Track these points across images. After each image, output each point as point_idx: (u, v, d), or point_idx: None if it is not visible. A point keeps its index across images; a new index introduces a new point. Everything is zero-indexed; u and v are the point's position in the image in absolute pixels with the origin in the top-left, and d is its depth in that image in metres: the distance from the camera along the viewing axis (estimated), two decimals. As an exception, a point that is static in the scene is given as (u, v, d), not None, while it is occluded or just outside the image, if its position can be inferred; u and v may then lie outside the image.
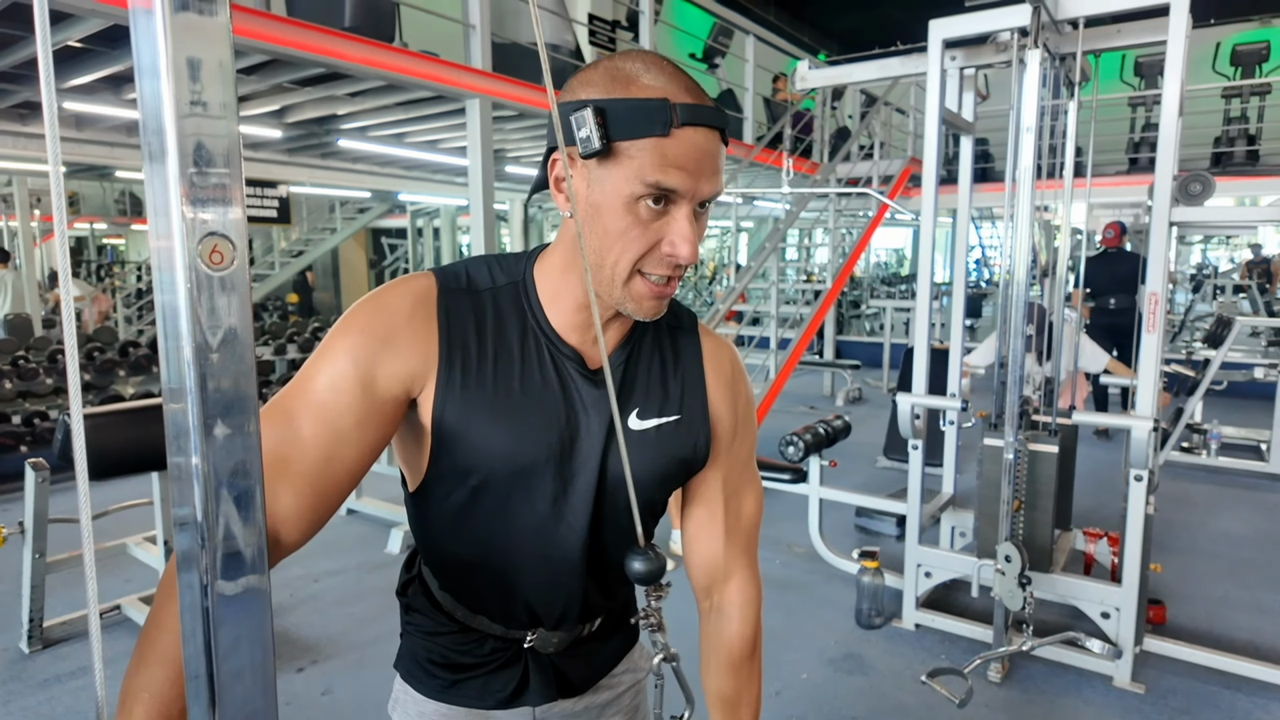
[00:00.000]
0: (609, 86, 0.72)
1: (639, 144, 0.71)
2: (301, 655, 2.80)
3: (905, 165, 6.93)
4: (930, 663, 2.75)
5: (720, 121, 0.74)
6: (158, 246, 0.41)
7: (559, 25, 4.94)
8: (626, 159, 0.71)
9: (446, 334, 0.80)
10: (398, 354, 0.78)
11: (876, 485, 4.63)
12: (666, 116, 0.70)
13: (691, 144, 0.71)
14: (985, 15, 2.77)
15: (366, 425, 0.77)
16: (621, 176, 0.72)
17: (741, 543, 0.96)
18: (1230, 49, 8.53)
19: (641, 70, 0.73)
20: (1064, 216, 2.90)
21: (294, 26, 3.39)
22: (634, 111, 0.70)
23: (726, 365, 0.93)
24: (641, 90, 0.71)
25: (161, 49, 0.39)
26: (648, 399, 0.87)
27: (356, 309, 0.80)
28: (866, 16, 13.51)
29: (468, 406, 0.80)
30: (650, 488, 0.89)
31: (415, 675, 0.96)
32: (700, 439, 0.90)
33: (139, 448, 2.66)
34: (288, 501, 0.73)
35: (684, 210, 0.74)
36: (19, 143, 5.21)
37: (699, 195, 0.73)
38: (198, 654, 0.44)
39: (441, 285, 0.82)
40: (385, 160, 7.04)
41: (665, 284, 0.77)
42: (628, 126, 0.70)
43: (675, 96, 0.71)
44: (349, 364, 0.76)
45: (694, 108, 0.71)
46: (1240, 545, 3.90)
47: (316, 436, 0.75)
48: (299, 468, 0.73)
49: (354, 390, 0.76)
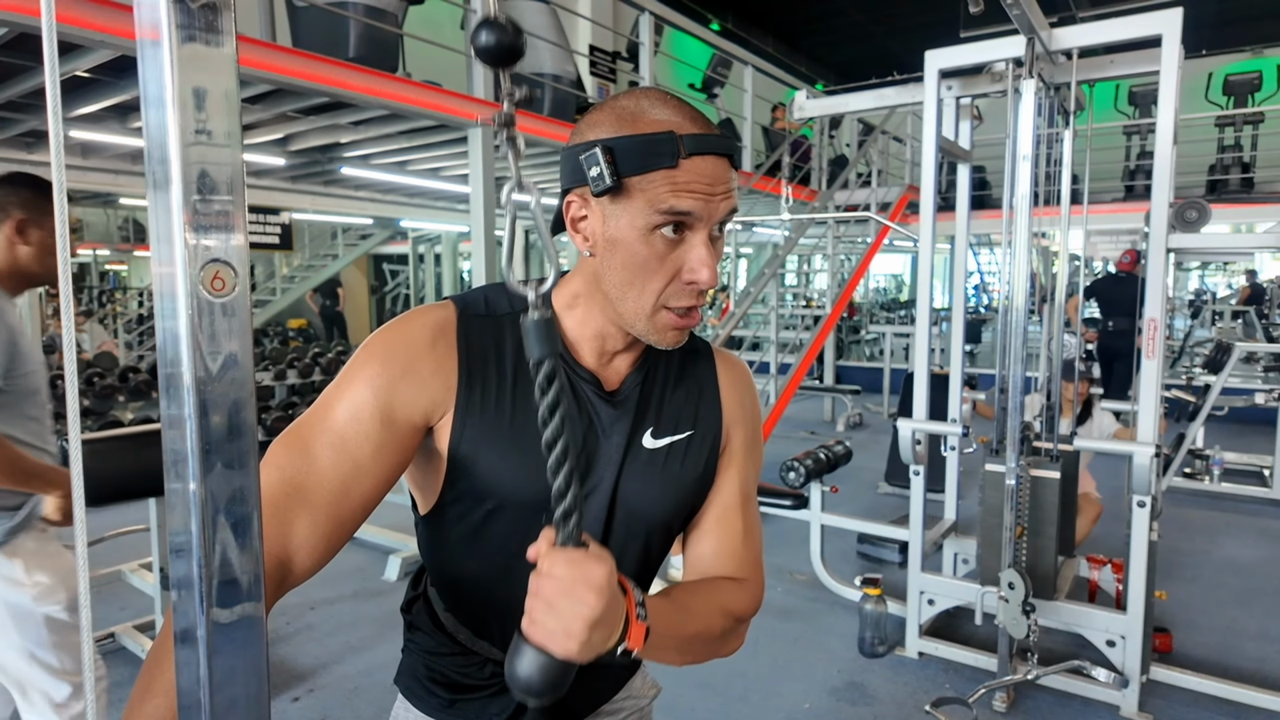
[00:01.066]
0: (616, 125, 0.74)
1: (650, 177, 0.72)
2: (297, 684, 2.76)
3: (903, 192, 6.99)
4: (934, 692, 2.71)
5: (727, 148, 0.75)
6: (160, 273, 0.42)
7: (560, 56, 5.01)
8: (639, 193, 0.73)
9: (467, 362, 0.80)
10: (419, 384, 0.78)
11: (878, 511, 4.60)
12: (674, 148, 0.72)
13: (701, 171, 0.73)
14: (980, 46, 2.82)
15: (384, 454, 0.77)
16: (636, 210, 0.73)
17: (754, 551, 0.93)
18: (1223, 79, 8.65)
19: (647, 106, 0.75)
20: (1062, 243, 2.92)
21: (299, 57, 3.44)
22: (642, 146, 0.72)
23: (740, 382, 0.95)
24: (648, 125, 0.73)
25: (168, 79, 0.39)
26: (662, 418, 0.88)
27: (377, 338, 0.80)
28: (863, 47, 13.73)
29: (486, 433, 0.80)
30: (665, 509, 0.88)
31: (415, 692, 0.96)
32: (712, 455, 0.91)
33: (137, 473, 2.65)
34: (304, 530, 0.73)
35: (700, 235, 0.75)
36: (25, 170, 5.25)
37: (714, 217, 0.75)
38: (192, 684, 0.44)
39: (461, 313, 0.83)
40: (387, 187, 7.10)
41: (688, 314, 0.78)
42: (637, 161, 0.72)
43: (681, 128, 0.73)
44: (369, 394, 0.77)
45: (700, 137, 0.73)
46: (1246, 572, 3.87)
47: (334, 466, 0.75)
48: (316, 497, 0.74)
49: (373, 420, 0.76)
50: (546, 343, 0.61)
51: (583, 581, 0.62)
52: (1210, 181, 8.12)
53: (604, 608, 0.63)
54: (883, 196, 7.06)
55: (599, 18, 7.95)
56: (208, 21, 0.40)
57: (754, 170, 6.86)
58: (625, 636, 0.68)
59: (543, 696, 0.64)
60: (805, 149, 7.49)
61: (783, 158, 6.25)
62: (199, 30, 0.40)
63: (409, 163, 5.92)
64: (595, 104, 0.79)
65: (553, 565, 0.63)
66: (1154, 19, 2.47)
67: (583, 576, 0.62)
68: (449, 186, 6.59)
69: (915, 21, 11.76)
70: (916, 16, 11.66)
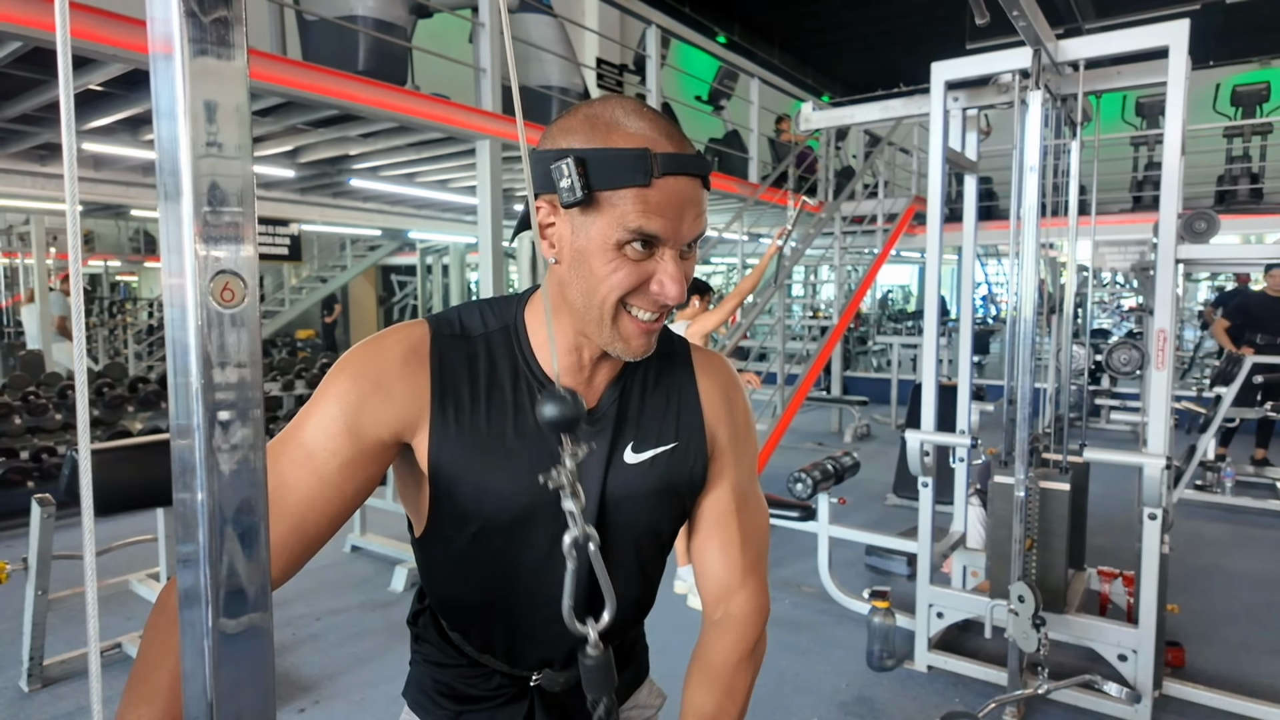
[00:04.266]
0: (589, 134, 0.72)
1: (621, 193, 0.71)
2: (302, 695, 2.75)
3: (910, 203, 6.99)
4: (944, 706, 2.68)
5: (701, 169, 0.74)
6: (170, 284, 0.42)
7: (567, 69, 5.05)
8: (609, 207, 0.72)
9: (439, 380, 0.80)
10: (388, 400, 0.78)
11: (886, 523, 4.58)
12: (647, 166, 0.70)
13: (673, 192, 0.72)
14: (987, 58, 2.82)
15: (351, 469, 0.78)
16: (605, 223, 0.72)
17: (754, 554, 0.94)
18: (1230, 89, 8.63)
19: (621, 117, 0.73)
20: (1069, 254, 2.91)
21: (309, 70, 3.47)
22: (615, 161, 0.71)
23: (720, 380, 0.94)
24: (623, 138, 0.72)
25: (180, 93, 0.40)
26: (643, 431, 0.87)
27: (349, 356, 0.81)
28: (869, 59, 13.77)
29: (462, 452, 0.80)
30: (653, 519, 0.89)
31: (422, 705, 0.96)
32: (699, 462, 0.90)
33: (145, 483, 2.67)
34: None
35: (670, 253, 0.74)
36: (38, 182, 5.32)
37: (682, 239, 0.74)
38: (198, 695, 0.44)
39: (435, 332, 0.83)
40: (396, 199, 7.15)
41: (653, 321, 0.78)
42: (609, 176, 0.71)
43: (656, 145, 0.72)
44: (338, 410, 0.77)
45: (675, 157, 0.72)
46: (1259, 586, 3.83)
47: (300, 480, 0.76)
48: (280, 509, 0.74)
49: (340, 435, 0.77)
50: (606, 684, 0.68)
51: None
52: (1219, 192, 8.09)
53: None
54: (889, 208, 7.07)
55: (606, 31, 8.00)
56: (220, 35, 0.40)
57: (760, 182, 6.87)
58: None
59: None
60: (811, 160, 7.51)
61: (789, 170, 6.26)
62: (211, 44, 0.40)
63: (417, 175, 5.96)
64: (567, 111, 0.77)
65: None
66: (1161, 30, 2.47)
67: None
68: (457, 198, 6.63)
69: (921, 33, 11.79)
70: (922, 28, 11.70)
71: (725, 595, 0.94)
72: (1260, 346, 5.58)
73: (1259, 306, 5.83)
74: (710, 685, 0.91)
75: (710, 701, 0.90)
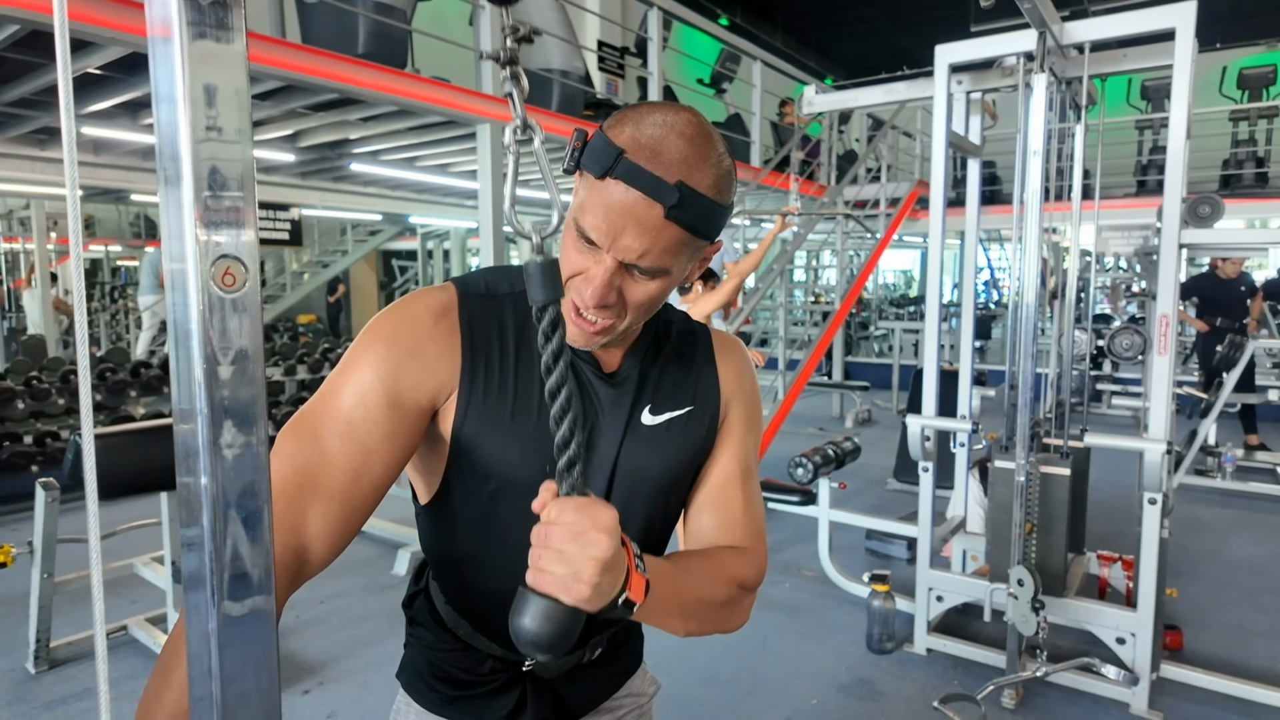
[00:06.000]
0: (616, 122, 0.74)
1: (587, 179, 0.73)
2: (307, 677, 2.78)
3: (913, 188, 6.96)
4: (943, 688, 2.70)
5: (661, 196, 0.70)
6: (171, 269, 0.42)
7: (569, 52, 5.01)
8: (582, 185, 0.74)
9: (470, 342, 0.81)
10: (424, 365, 0.78)
11: (886, 508, 4.59)
12: (607, 164, 0.71)
13: (620, 200, 0.71)
14: (991, 40, 2.80)
15: (394, 439, 0.77)
16: (574, 199, 0.75)
17: (757, 524, 0.92)
18: (1237, 72, 8.56)
19: (648, 122, 0.73)
20: (1072, 238, 2.90)
21: (308, 53, 3.45)
22: (595, 149, 0.72)
23: (737, 360, 0.95)
24: (621, 134, 0.73)
25: (179, 76, 0.40)
26: (661, 395, 0.89)
27: (379, 321, 0.80)
28: (873, 42, 13.66)
29: (489, 413, 0.80)
30: (664, 482, 0.89)
31: (416, 687, 0.97)
32: (710, 429, 0.91)
33: (148, 468, 2.68)
34: (317, 520, 0.73)
35: (605, 260, 0.73)
36: (38, 167, 5.30)
37: (615, 252, 0.73)
38: (203, 675, 0.44)
39: (462, 294, 0.83)
40: (396, 184, 7.12)
41: (587, 320, 0.76)
42: (588, 158, 0.72)
43: (634, 152, 0.71)
44: (374, 378, 0.76)
45: (635, 169, 0.70)
46: (1257, 570, 3.84)
47: (344, 453, 0.74)
48: (328, 486, 0.73)
49: (381, 405, 0.76)
50: (550, 288, 0.61)
51: (591, 524, 0.61)
52: (1224, 176, 8.04)
53: (613, 550, 0.62)
54: (892, 192, 7.03)
55: (608, 13, 7.94)
56: (218, 18, 0.40)
57: (762, 166, 6.84)
58: (626, 586, 0.67)
59: (553, 650, 0.63)
60: (814, 144, 7.47)
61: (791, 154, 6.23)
62: (209, 27, 0.40)
63: (418, 159, 5.94)
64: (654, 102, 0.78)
65: (560, 512, 0.62)
66: (1167, 12, 2.44)
67: (591, 520, 0.61)
68: (457, 182, 6.61)
69: (925, 16, 11.67)
70: (926, 11, 11.58)
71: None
72: (1221, 329, 5.65)
73: (1214, 290, 5.89)
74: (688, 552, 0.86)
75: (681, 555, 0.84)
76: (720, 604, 0.83)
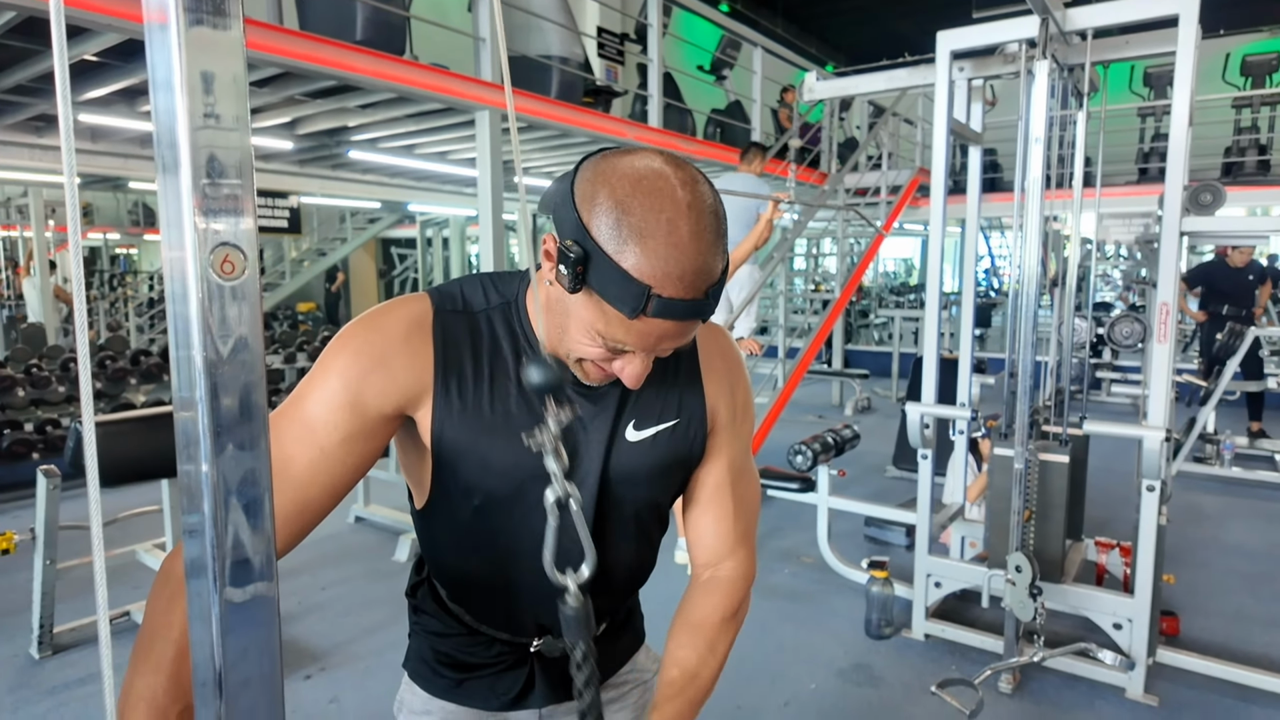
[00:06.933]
0: (610, 230, 0.68)
1: (608, 306, 0.70)
2: (309, 663, 2.80)
3: (914, 175, 6.93)
4: (940, 674, 2.72)
5: (698, 314, 0.71)
6: (170, 256, 0.42)
7: (568, 38, 4.97)
8: (597, 304, 0.71)
9: (442, 355, 0.81)
10: (390, 375, 0.79)
11: (885, 495, 4.61)
12: (639, 305, 0.68)
13: (658, 328, 0.71)
14: (993, 27, 2.78)
15: (353, 443, 0.78)
16: (590, 311, 0.72)
17: (744, 525, 0.97)
18: (1240, 59, 8.50)
19: (650, 230, 0.67)
20: (1073, 226, 2.89)
21: (306, 40, 3.42)
22: (614, 281, 0.68)
23: (721, 355, 0.94)
24: (633, 259, 0.67)
25: (176, 63, 0.39)
26: (645, 409, 0.88)
27: (350, 329, 0.81)
28: (874, 29, 13.55)
29: (465, 427, 0.81)
30: (653, 493, 0.91)
31: (422, 675, 0.98)
32: (699, 437, 0.91)
33: (149, 455, 2.68)
34: None
35: (640, 358, 0.75)
36: (35, 154, 5.28)
37: (655, 354, 0.76)
38: (206, 661, 0.45)
39: (437, 307, 0.83)
40: (395, 171, 7.09)
41: (607, 372, 0.79)
42: (603, 287, 0.69)
43: (661, 285, 0.68)
44: (339, 384, 0.78)
45: (672, 304, 0.68)
46: (1255, 557, 3.86)
47: (301, 453, 0.76)
48: (282, 482, 0.75)
49: (342, 409, 0.77)
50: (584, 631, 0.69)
51: None
52: (1226, 164, 8.00)
53: None
54: (893, 180, 7.00)
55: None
56: (215, 4, 0.40)
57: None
58: None
59: None
60: (815, 131, 7.43)
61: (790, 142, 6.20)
62: (206, 13, 0.40)
63: (416, 146, 5.91)
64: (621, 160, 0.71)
65: None
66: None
67: None
68: (457, 170, 6.58)
69: (927, 2, 11.56)
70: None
71: (715, 561, 0.96)
72: (1225, 317, 5.64)
73: (1222, 278, 5.88)
74: (693, 639, 0.92)
75: (693, 655, 0.91)
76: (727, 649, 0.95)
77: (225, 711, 0.45)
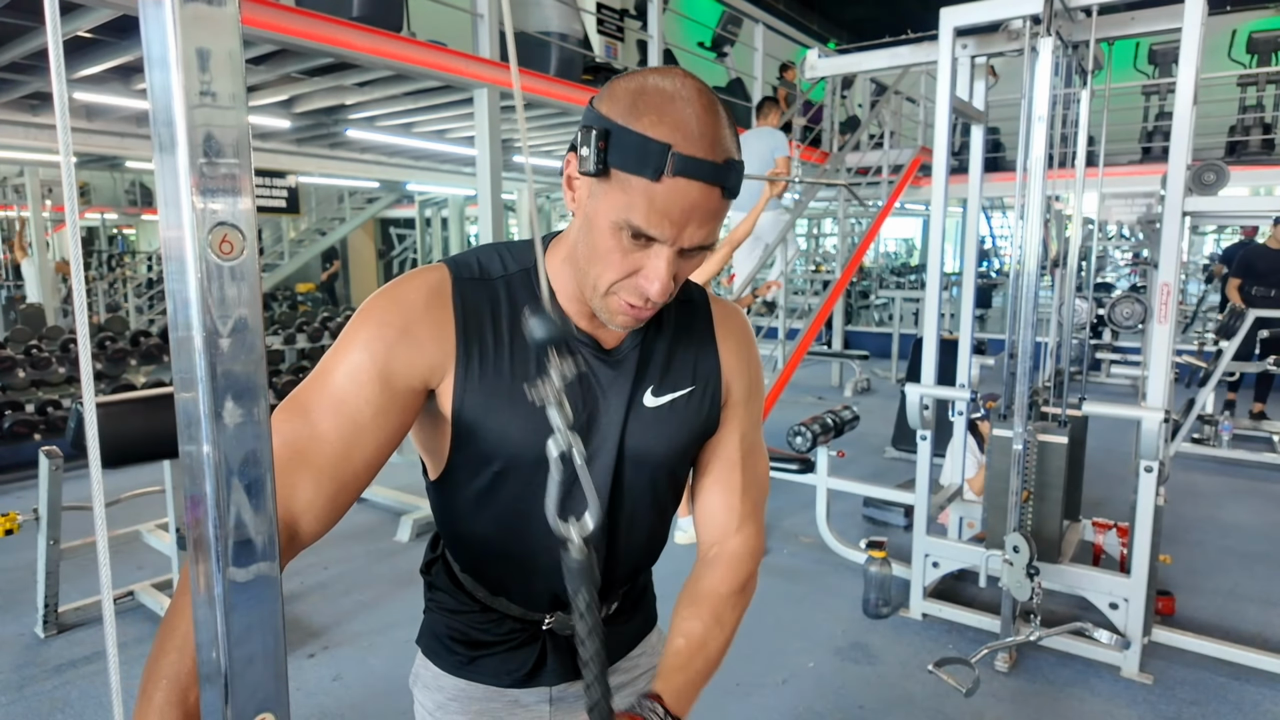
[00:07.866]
0: (629, 109, 0.71)
1: (632, 179, 0.70)
2: (312, 641, 2.82)
3: (915, 154, 6.88)
4: (937, 652, 2.75)
5: (720, 179, 0.72)
6: (168, 236, 0.42)
7: (567, 14, 4.92)
8: (620, 187, 0.71)
9: (463, 324, 0.81)
10: (415, 345, 0.79)
11: (884, 475, 4.63)
12: (661, 164, 0.69)
13: (683, 194, 0.70)
14: (997, 3, 2.75)
15: (385, 416, 0.78)
16: (612, 202, 0.72)
17: (753, 501, 0.97)
18: (1246, 36, 8.41)
19: (664, 102, 0.70)
20: (1075, 206, 2.88)
21: (302, 16, 3.38)
22: (634, 147, 0.70)
23: (737, 330, 0.96)
24: (653, 125, 0.70)
25: (171, 40, 0.39)
26: (662, 375, 0.89)
27: (372, 302, 0.81)
28: (876, 5, 13.40)
29: (487, 395, 0.81)
30: (670, 460, 0.91)
31: (435, 651, 0.98)
32: (714, 406, 0.92)
33: (151, 436, 2.69)
34: (306, 494, 0.74)
35: (665, 252, 0.73)
36: (30, 133, 5.24)
37: (680, 244, 0.73)
38: (210, 640, 0.45)
39: (455, 276, 0.83)
40: (393, 150, 7.05)
41: (641, 307, 0.78)
42: (625, 159, 0.70)
43: (680, 144, 0.69)
44: (366, 356, 0.77)
45: (693, 162, 0.69)
46: (1251, 537, 3.88)
47: (335, 429, 0.76)
48: (318, 460, 0.74)
49: (372, 383, 0.77)
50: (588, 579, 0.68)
51: None
52: (1230, 143, 7.94)
53: None
54: (895, 159, 6.96)
55: (607, -26, 7.77)
56: (209, -21, 0.39)
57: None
58: None
59: None
60: (816, 110, 7.37)
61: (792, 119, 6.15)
62: (200, -12, 0.39)
63: (415, 125, 5.87)
64: (634, 71, 0.75)
65: None
66: (1178, -27, 2.40)
67: None
68: (455, 149, 6.54)
69: (931, -23, 11.44)
70: (932, -28, 11.35)
71: (722, 538, 0.96)
72: (1257, 299, 5.59)
73: (1262, 260, 5.83)
74: (699, 612, 0.92)
75: (699, 627, 0.90)
76: (737, 621, 0.94)
77: (229, 690, 0.45)
